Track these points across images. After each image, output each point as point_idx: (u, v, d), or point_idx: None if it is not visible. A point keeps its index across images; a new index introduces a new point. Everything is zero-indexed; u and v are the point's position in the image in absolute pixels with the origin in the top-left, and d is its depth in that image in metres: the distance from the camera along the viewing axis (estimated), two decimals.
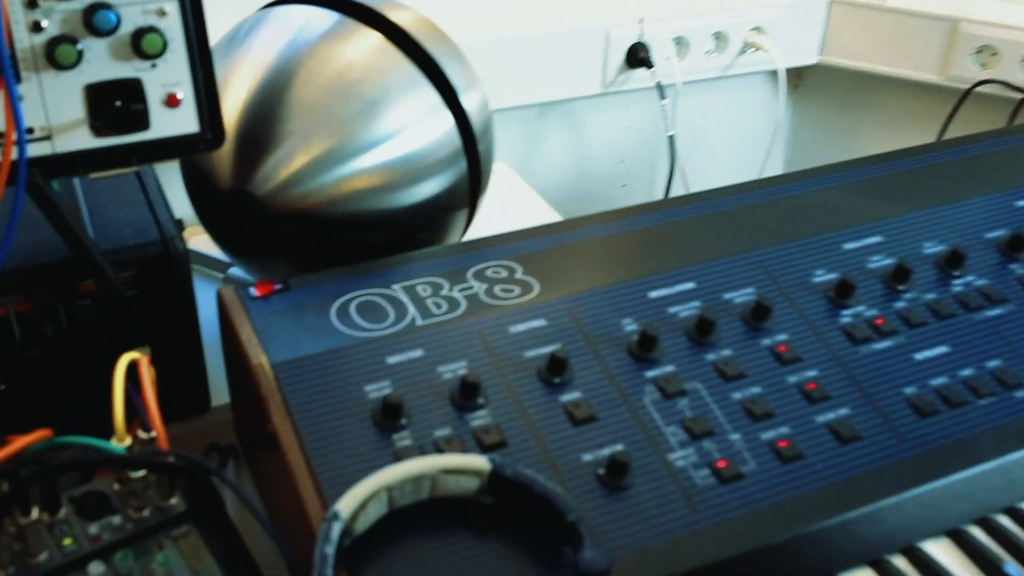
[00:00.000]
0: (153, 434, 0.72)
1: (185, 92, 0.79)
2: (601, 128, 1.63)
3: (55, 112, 0.75)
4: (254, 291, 0.85)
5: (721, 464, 0.79)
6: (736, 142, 1.76)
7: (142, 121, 0.78)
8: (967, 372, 0.90)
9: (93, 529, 0.71)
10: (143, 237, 0.86)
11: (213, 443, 0.90)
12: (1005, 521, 0.83)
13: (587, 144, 1.63)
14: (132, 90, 0.77)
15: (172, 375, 0.90)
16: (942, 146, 1.15)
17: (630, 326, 0.87)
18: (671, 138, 1.51)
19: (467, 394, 0.79)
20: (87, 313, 0.86)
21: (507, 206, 1.28)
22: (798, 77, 1.81)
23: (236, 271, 1.09)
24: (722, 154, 1.76)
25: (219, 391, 0.94)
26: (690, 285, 0.91)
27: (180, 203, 0.99)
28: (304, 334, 0.82)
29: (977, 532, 0.82)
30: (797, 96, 1.83)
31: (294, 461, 0.74)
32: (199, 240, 1.09)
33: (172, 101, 0.79)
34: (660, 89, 1.53)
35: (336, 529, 0.67)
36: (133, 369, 0.75)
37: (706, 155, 1.73)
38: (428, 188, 0.96)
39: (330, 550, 0.66)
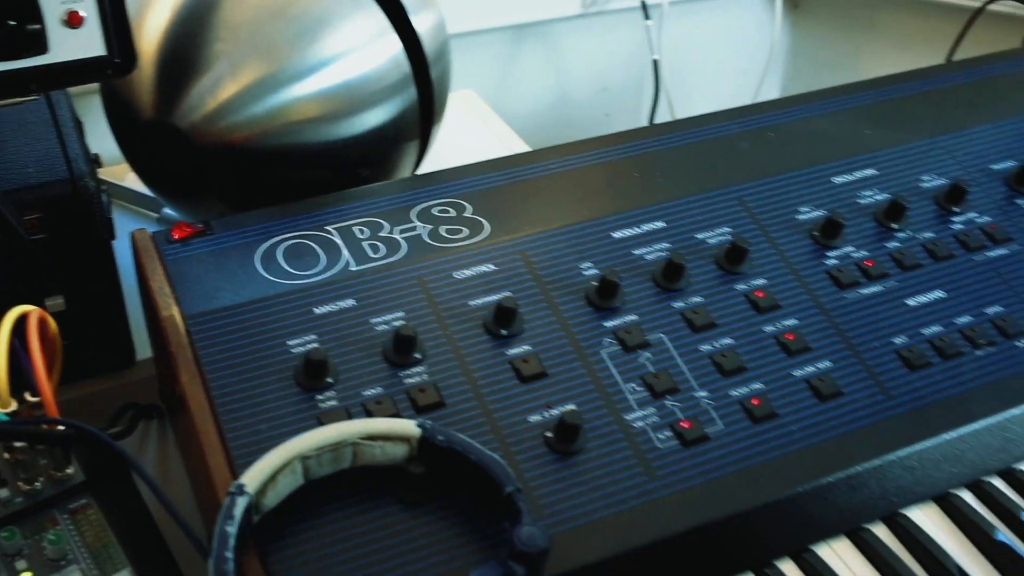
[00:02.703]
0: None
1: (88, 9, 0.70)
2: (581, 53, 1.52)
3: None
4: (172, 234, 0.76)
5: (684, 425, 0.71)
6: (728, 68, 1.66)
7: (39, 43, 0.69)
8: (964, 320, 0.81)
9: None
10: (49, 175, 0.77)
11: (129, 403, 0.82)
12: (999, 484, 0.76)
13: (566, 70, 1.52)
14: (26, 7, 0.68)
15: (91, 327, 0.83)
16: (948, 69, 1.05)
17: (590, 271, 0.78)
18: (655, 62, 1.41)
19: (401, 349, 0.71)
20: None
21: (473, 139, 1.19)
22: None
23: (170, 211, 1.01)
24: (712, 81, 1.66)
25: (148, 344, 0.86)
26: (659, 224, 0.82)
27: (106, 137, 0.90)
28: (224, 282, 0.74)
29: (968, 497, 0.74)
30: (795, 17, 1.71)
31: (202, 426, 0.66)
32: (135, 177, 1.00)
33: (73, 20, 0.70)
34: (644, 9, 1.42)
35: (240, 505, 0.59)
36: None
37: (695, 82, 1.62)
38: (372, 118, 0.87)
39: (232, 528, 0.58)
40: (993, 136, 0.96)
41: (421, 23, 0.91)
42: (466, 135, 1.19)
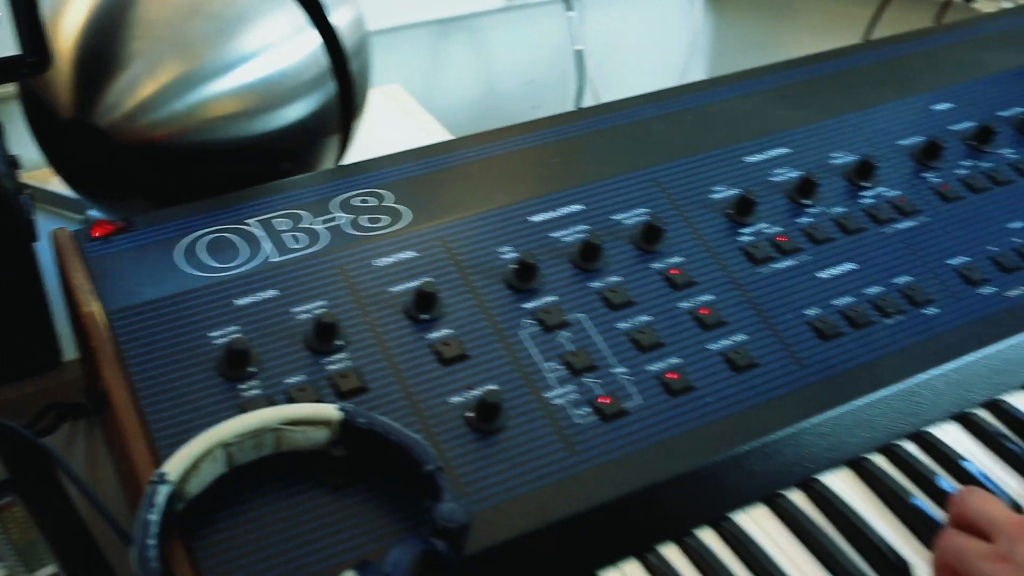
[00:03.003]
0: None
1: (0, 8, 0.71)
2: (507, 46, 1.53)
3: None
4: (92, 231, 0.77)
5: (603, 400, 0.73)
6: (652, 55, 1.68)
7: None
8: (874, 290, 0.84)
9: None
10: None
11: (54, 402, 0.82)
12: (911, 448, 0.78)
13: (493, 63, 1.53)
14: None
15: (15, 329, 0.83)
16: (859, 49, 1.08)
17: (509, 254, 0.80)
18: (579, 53, 1.43)
19: (323, 336, 0.72)
20: None
21: (399, 132, 1.20)
22: None
23: (96, 213, 1.01)
24: (638, 69, 1.68)
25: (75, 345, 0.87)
26: (577, 207, 0.84)
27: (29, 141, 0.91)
28: (146, 278, 0.75)
29: (880, 461, 0.77)
30: (717, 3, 1.74)
31: (126, 419, 0.67)
32: (60, 181, 1.00)
33: None
34: (566, 0, 1.44)
35: (162, 493, 0.60)
36: None
37: (620, 71, 1.64)
38: (292, 113, 0.88)
39: (154, 516, 0.59)
40: (901, 113, 0.98)
41: (339, 18, 0.92)
42: (392, 129, 1.20)
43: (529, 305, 0.77)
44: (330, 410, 0.65)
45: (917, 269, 0.86)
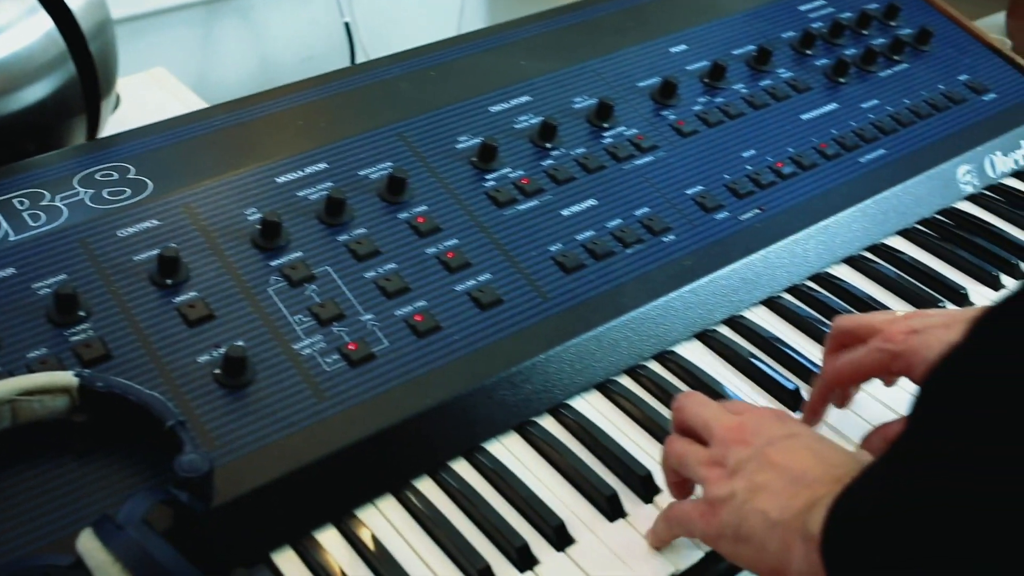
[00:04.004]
0: None
1: None
2: (281, 24, 1.54)
3: None
4: None
5: (351, 347, 0.75)
6: (424, 20, 1.70)
7: None
8: (615, 223, 0.88)
9: None
10: None
11: None
12: (655, 367, 0.82)
13: (269, 43, 1.53)
14: None
15: None
16: (603, 0, 1.12)
17: (254, 215, 0.81)
18: (347, 25, 1.44)
19: (63, 308, 0.72)
20: None
21: (165, 115, 1.19)
22: None
23: None
24: (413, 37, 1.70)
25: None
26: (322, 166, 0.86)
27: None
28: None
29: (626, 381, 0.81)
30: None
31: None
32: None
33: None
34: None
35: None
36: None
37: (394, 38, 1.66)
38: (29, 95, 0.87)
39: None
40: (639, 57, 1.03)
41: (74, 1, 0.91)
42: (158, 112, 1.19)
43: (276, 262, 0.79)
44: (66, 377, 0.66)
45: (655, 200, 0.91)
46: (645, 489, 0.73)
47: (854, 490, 0.52)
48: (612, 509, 0.72)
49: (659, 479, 0.73)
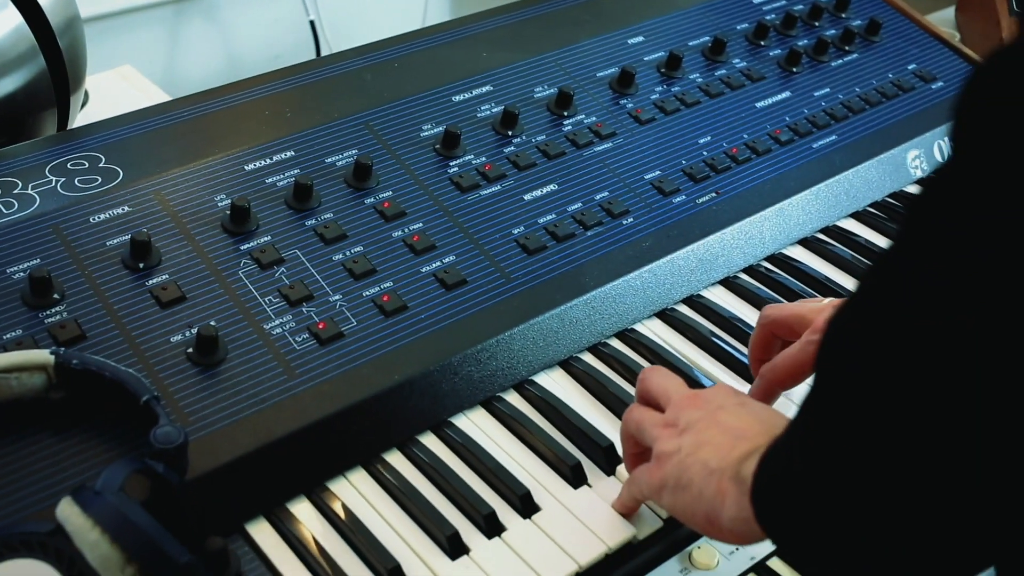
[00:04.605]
0: None
1: None
2: (248, 24, 1.55)
3: None
4: None
5: (321, 326, 0.77)
6: (387, 25, 1.72)
7: None
8: (575, 207, 0.91)
9: None
10: None
11: None
12: (616, 344, 0.85)
13: (236, 42, 1.55)
14: None
15: None
16: None
17: (224, 201, 0.83)
18: (312, 23, 1.46)
19: (38, 291, 0.74)
20: None
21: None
22: None
23: None
24: (377, 36, 1.72)
25: None
26: (289, 154, 0.88)
27: None
28: None
29: (588, 358, 0.84)
30: None
31: None
32: None
33: None
34: None
35: None
36: None
37: (359, 37, 1.68)
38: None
39: None
40: (598, 48, 1.06)
41: None
42: (126, 109, 1.20)
43: (246, 246, 0.81)
44: (42, 355, 0.68)
45: (614, 185, 0.93)
46: (607, 460, 0.76)
47: (781, 439, 0.55)
48: (576, 478, 0.74)
49: (621, 450, 0.76)
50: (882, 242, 0.98)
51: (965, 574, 0.48)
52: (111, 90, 1.23)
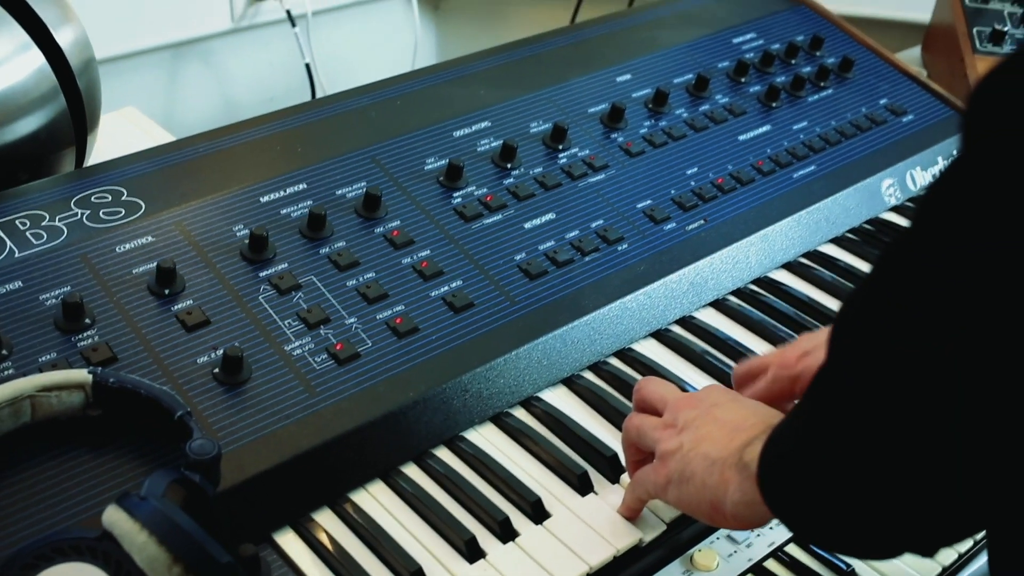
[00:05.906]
0: None
1: None
2: (242, 66, 1.61)
3: None
4: None
5: (338, 347, 0.82)
6: (379, 62, 1.78)
7: None
8: (573, 234, 0.96)
9: None
10: None
11: None
12: (615, 362, 0.90)
13: (231, 84, 1.60)
14: None
15: None
16: (553, 35, 1.20)
17: (242, 231, 0.87)
18: (307, 66, 1.52)
19: (70, 316, 0.78)
20: None
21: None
22: None
23: None
24: (368, 76, 1.78)
25: None
26: (302, 186, 0.93)
27: None
28: None
29: (589, 375, 0.88)
30: (439, 18, 1.86)
31: None
32: None
33: None
34: (290, 17, 1.53)
35: None
36: None
37: (352, 79, 1.74)
38: (23, 127, 0.93)
39: None
40: (588, 86, 1.11)
41: (63, 38, 0.97)
42: (132, 148, 1.25)
43: (264, 273, 0.85)
44: (81, 374, 0.72)
45: (609, 214, 0.99)
46: (612, 469, 0.80)
47: (785, 422, 0.59)
48: (583, 486, 0.78)
49: (623, 459, 0.80)
50: (861, 265, 1.03)
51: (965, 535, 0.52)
52: (116, 130, 1.27)
